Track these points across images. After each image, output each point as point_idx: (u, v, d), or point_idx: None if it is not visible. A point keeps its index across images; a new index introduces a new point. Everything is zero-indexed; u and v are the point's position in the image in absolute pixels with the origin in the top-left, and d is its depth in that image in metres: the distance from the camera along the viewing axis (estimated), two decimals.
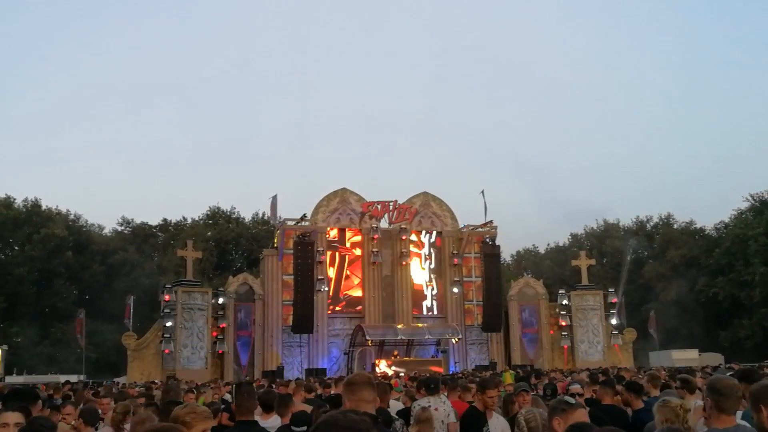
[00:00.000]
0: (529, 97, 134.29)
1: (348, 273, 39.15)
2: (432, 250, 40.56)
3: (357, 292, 38.82)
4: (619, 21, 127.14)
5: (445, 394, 8.89)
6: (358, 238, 39.25)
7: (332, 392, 12.52)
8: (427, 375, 15.24)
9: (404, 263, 38.97)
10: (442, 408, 7.90)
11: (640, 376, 15.45)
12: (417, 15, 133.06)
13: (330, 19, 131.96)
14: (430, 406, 7.62)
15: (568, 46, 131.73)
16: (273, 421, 6.72)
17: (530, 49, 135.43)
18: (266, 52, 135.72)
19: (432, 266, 40.38)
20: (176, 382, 13.25)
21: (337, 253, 39.00)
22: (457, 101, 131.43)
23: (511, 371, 28.66)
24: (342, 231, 39.27)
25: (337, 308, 38.44)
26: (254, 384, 15.63)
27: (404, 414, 8.29)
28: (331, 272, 38.52)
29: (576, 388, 8.00)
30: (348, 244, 39.40)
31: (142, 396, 10.21)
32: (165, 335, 33.57)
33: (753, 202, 55.86)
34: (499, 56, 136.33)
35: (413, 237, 40.17)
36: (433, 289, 40.22)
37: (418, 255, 40.20)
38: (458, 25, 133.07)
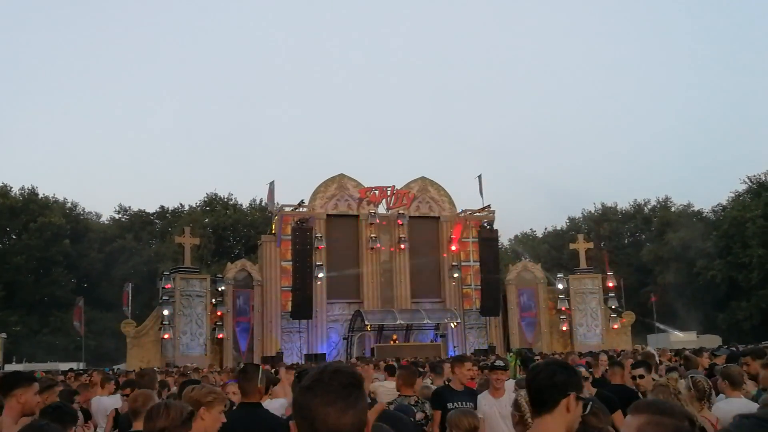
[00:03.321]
0: (527, 83, 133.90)
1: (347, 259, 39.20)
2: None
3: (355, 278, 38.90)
4: (612, 2, 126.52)
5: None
6: (356, 223, 39.20)
7: None
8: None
9: (402, 247, 38.93)
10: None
11: (638, 356, 15.45)
12: (417, 3, 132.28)
13: (329, 4, 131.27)
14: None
15: (564, 32, 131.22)
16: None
17: (527, 36, 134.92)
18: (264, 39, 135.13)
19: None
20: (151, 369, 13.04)
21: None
22: (456, 89, 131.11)
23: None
24: (340, 217, 39.21)
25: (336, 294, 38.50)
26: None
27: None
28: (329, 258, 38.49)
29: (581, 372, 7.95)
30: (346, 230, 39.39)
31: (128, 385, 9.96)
32: (164, 322, 33.57)
33: (750, 184, 55.76)
34: (497, 44, 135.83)
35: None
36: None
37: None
38: (458, 11, 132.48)
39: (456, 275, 39.61)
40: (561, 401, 2.79)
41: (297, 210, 37.76)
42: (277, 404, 6.77)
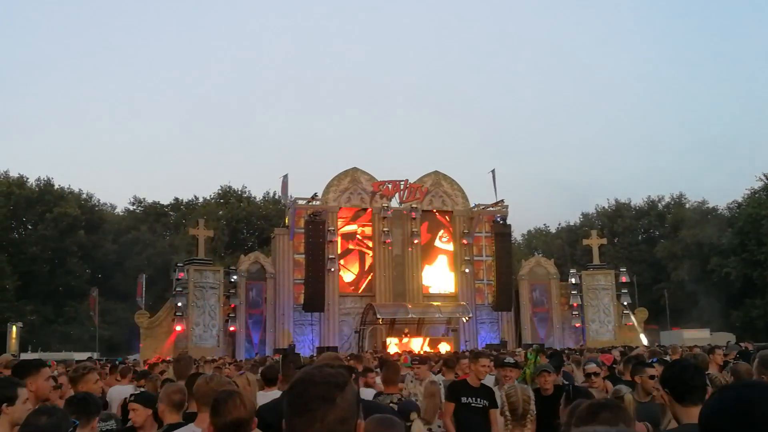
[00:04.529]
0: (540, 78, 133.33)
1: (359, 252, 39.28)
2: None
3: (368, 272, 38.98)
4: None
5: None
6: (369, 217, 39.23)
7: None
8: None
9: (415, 242, 38.92)
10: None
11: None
12: None
13: None
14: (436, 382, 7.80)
15: (576, 26, 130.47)
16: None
17: (540, 29, 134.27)
18: (276, 32, 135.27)
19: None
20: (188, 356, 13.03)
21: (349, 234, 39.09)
22: (467, 80, 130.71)
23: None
24: (353, 210, 39.26)
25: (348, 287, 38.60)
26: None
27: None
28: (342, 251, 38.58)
29: (592, 367, 7.98)
30: (358, 224, 39.45)
31: (143, 376, 10.01)
32: (177, 314, 33.76)
33: (766, 181, 55.31)
34: (509, 40, 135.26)
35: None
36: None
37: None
38: (471, 7, 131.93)
39: (468, 270, 39.60)
40: (705, 398, 3.41)
41: (310, 203, 37.86)
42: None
